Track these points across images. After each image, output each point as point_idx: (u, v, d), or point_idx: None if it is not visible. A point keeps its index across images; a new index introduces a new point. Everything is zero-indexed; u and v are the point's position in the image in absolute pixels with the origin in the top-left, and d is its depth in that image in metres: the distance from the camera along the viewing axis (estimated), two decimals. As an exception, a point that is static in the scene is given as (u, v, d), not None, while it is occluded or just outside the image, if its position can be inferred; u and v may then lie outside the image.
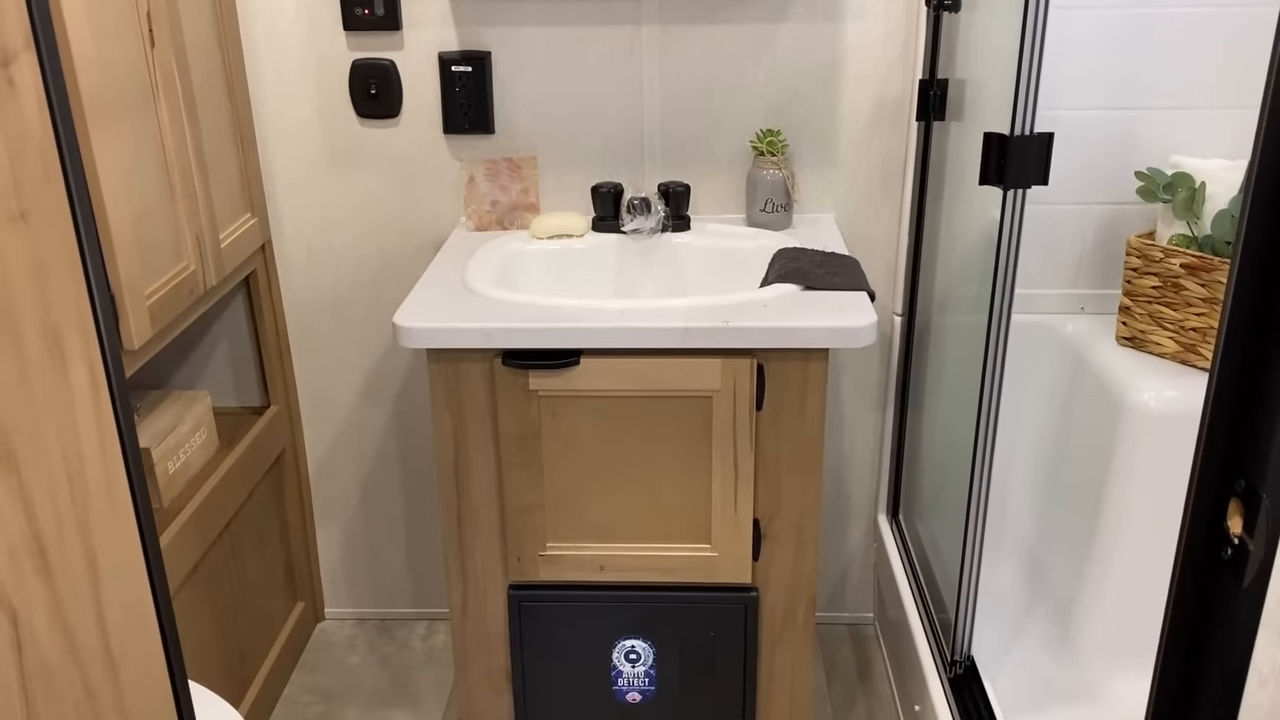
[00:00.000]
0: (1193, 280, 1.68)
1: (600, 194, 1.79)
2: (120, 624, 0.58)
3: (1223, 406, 0.61)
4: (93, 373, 0.53)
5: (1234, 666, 0.64)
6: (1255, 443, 0.60)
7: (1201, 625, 0.67)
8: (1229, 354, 0.60)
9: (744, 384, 1.47)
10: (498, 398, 1.50)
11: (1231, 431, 0.61)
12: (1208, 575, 0.65)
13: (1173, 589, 0.66)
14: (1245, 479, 0.60)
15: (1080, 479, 1.83)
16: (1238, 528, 0.62)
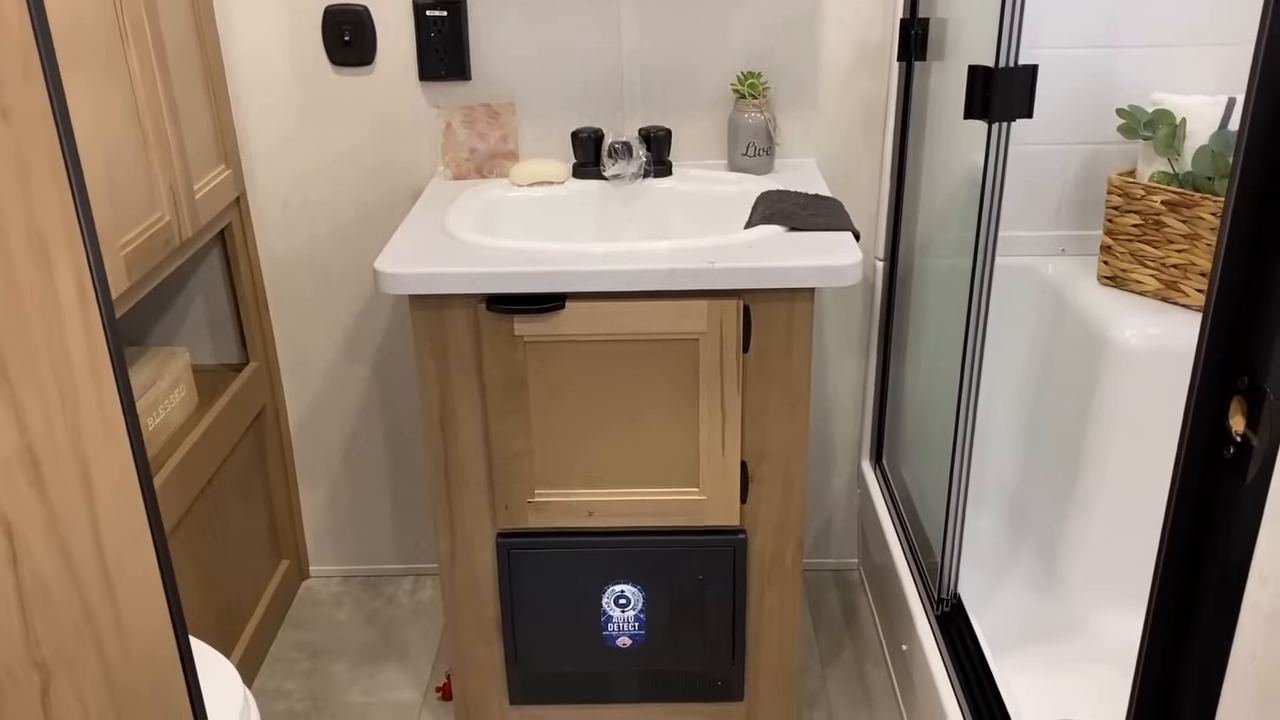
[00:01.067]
0: (1174, 217, 1.69)
1: (580, 140, 1.77)
2: (116, 542, 0.57)
3: (1225, 305, 0.61)
4: (80, 282, 0.52)
5: (1235, 566, 0.64)
6: (1258, 339, 0.59)
7: (1202, 526, 0.67)
8: (1231, 252, 0.60)
9: (730, 326, 1.47)
10: (483, 344, 1.49)
11: (1234, 330, 0.61)
12: (1208, 477, 0.65)
13: (1174, 491, 0.67)
14: (1248, 376, 0.60)
15: (1062, 419, 1.84)
16: (1240, 426, 0.62)
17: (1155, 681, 0.72)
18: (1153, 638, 0.71)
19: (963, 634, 1.61)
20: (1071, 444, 1.81)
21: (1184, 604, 0.69)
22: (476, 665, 1.73)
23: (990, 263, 1.47)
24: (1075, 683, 1.68)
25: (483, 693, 1.75)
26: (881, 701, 1.89)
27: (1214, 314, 0.61)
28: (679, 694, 1.74)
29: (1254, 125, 0.58)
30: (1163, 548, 0.69)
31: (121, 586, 0.57)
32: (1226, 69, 1.80)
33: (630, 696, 1.74)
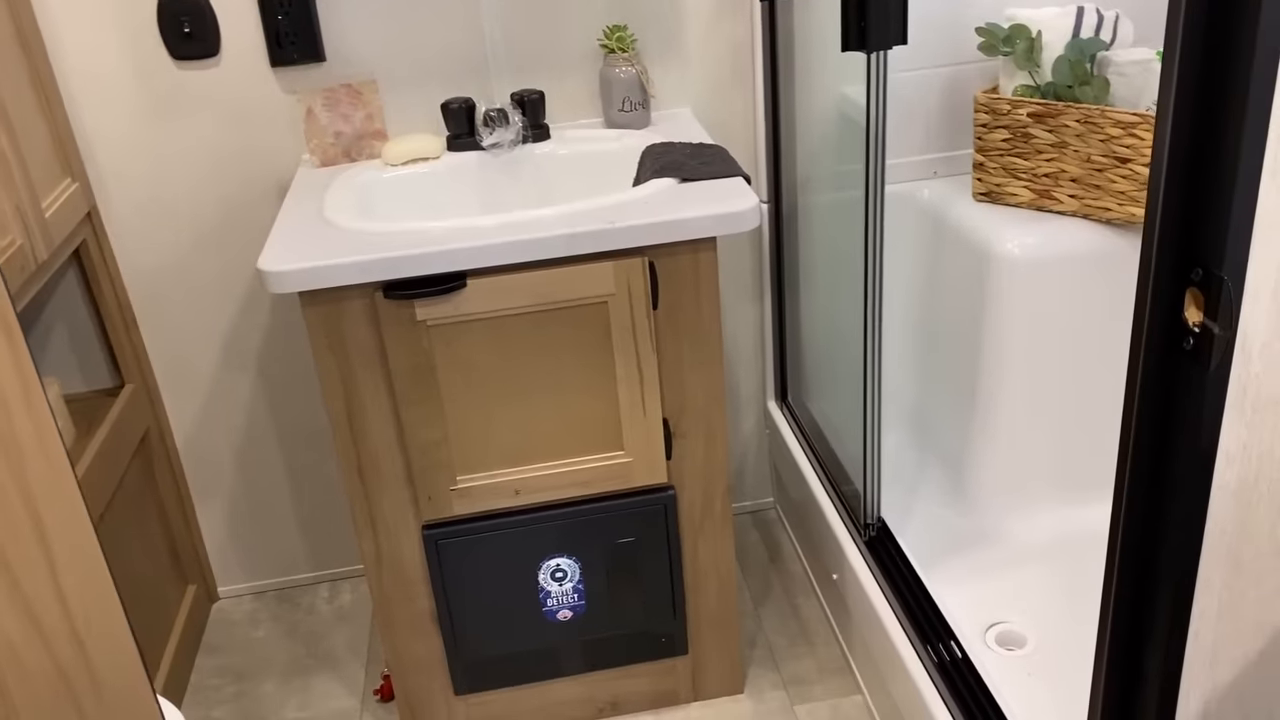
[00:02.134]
0: (1040, 128, 1.74)
1: (451, 111, 1.71)
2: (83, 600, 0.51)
3: (1171, 200, 0.62)
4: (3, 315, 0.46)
5: (1203, 451, 0.66)
6: (1206, 228, 0.61)
7: (1162, 421, 0.69)
8: (1175, 144, 0.61)
9: (638, 284, 1.45)
10: (384, 334, 1.43)
11: (1182, 223, 0.63)
12: (1167, 370, 0.67)
13: (1134, 387, 0.68)
14: (1201, 267, 0.62)
15: (955, 336, 1.90)
16: (1197, 317, 0.64)
17: (1132, 565, 0.74)
18: (1127, 529, 0.73)
19: (892, 556, 1.66)
20: (967, 358, 1.87)
21: (1153, 492, 0.71)
22: (415, 661, 1.68)
23: (881, 191, 1.50)
24: (999, 587, 1.75)
25: (425, 688, 1.71)
26: (818, 632, 1.93)
27: (1162, 210, 0.63)
28: (624, 657, 1.73)
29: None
30: (1128, 442, 0.71)
31: (90, 640, 0.52)
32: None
33: (576, 668, 1.73)
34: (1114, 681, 0.79)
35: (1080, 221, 1.76)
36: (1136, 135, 1.64)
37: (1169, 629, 0.73)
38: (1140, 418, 0.69)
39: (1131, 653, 0.77)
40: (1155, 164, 0.63)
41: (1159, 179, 0.62)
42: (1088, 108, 1.68)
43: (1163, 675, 0.74)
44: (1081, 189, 1.74)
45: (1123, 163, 1.67)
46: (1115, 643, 0.77)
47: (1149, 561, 0.74)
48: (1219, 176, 0.60)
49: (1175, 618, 0.72)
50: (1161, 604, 0.73)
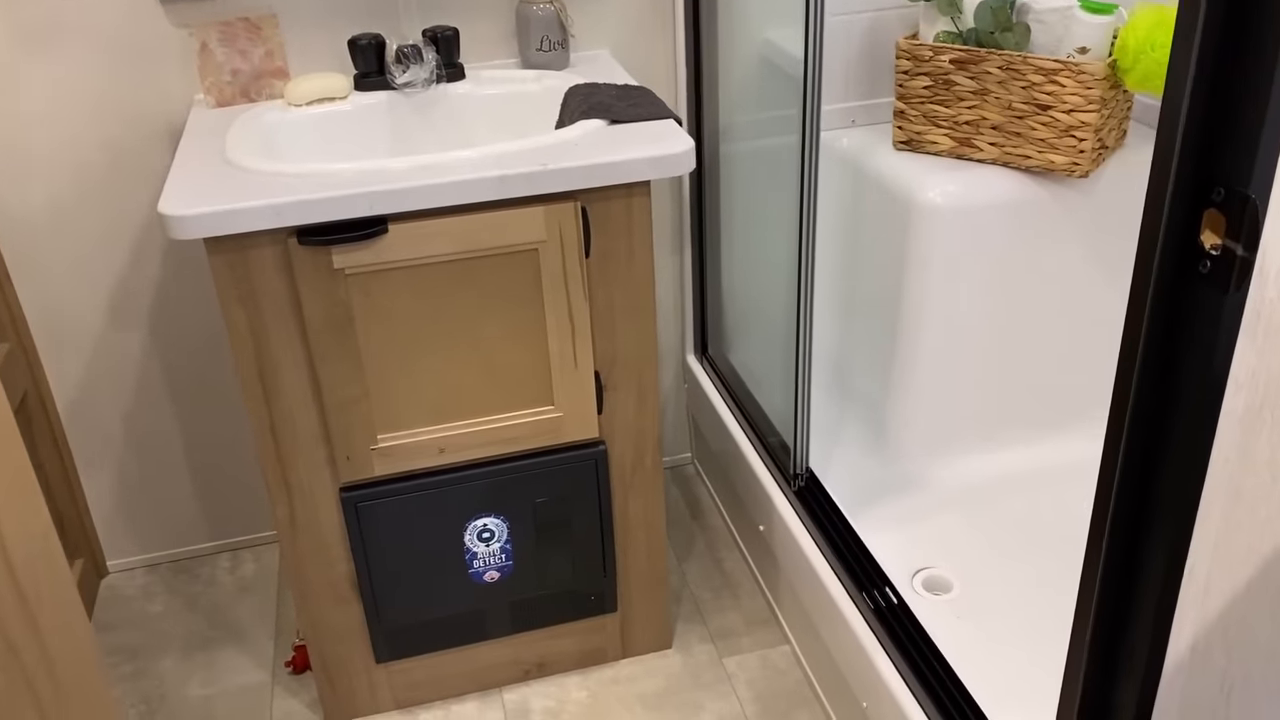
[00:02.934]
0: (962, 74, 1.74)
1: (360, 48, 1.61)
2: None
3: (1195, 117, 0.60)
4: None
5: (1214, 378, 0.65)
6: (1233, 146, 0.59)
7: (1169, 348, 0.68)
8: (1204, 54, 0.58)
9: (570, 230, 1.39)
10: (298, 283, 1.34)
11: (1200, 142, 0.61)
12: (1178, 297, 0.66)
13: (1143, 313, 0.67)
14: (1223, 187, 0.60)
15: (877, 285, 1.89)
16: (1214, 239, 0.62)
17: (1129, 498, 0.73)
18: (1126, 461, 0.71)
19: (823, 505, 1.65)
20: (888, 307, 1.87)
21: (1157, 421, 0.70)
22: (333, 630, 1.60)
23: (817, 135, 1.47)
24: (923, 533, 1.76)
25: (344, 657, 1.63)
26: (742, 584, 1.92)
27: (1184, 128, 0.60)
28: (553, 617, 1.69)
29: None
30: (1131, 370, 0.69)
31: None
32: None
33: (503, 630, 1.68)
34: (1102, 620, 0.78)
35: (1000, 169, 1.77)
36: (1057, 82, 1.65)
37: (1167, 564, 0.72)
38: (1148, 344, 0.67)
39: (1122, 590, 0.76)
40: (1174, 80, 0.61)
41: (1180, 95, 0.60)
42: (1010, 54, 1.68)
43: (1156, 611, 0.73)
44: (1002, 136, 1.74)
45: (1043, 110, 1.68)
46: (1106, 580, 0.76)
47: (1146, 494, 0.73)
48: (1250, 89, 0.58)
49: (1174, 553, 0.71)
50: (1159, 538, 0.72)
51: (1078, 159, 1.69)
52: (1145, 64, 1.59)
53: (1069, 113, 1.66)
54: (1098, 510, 0.76)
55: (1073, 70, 1.63)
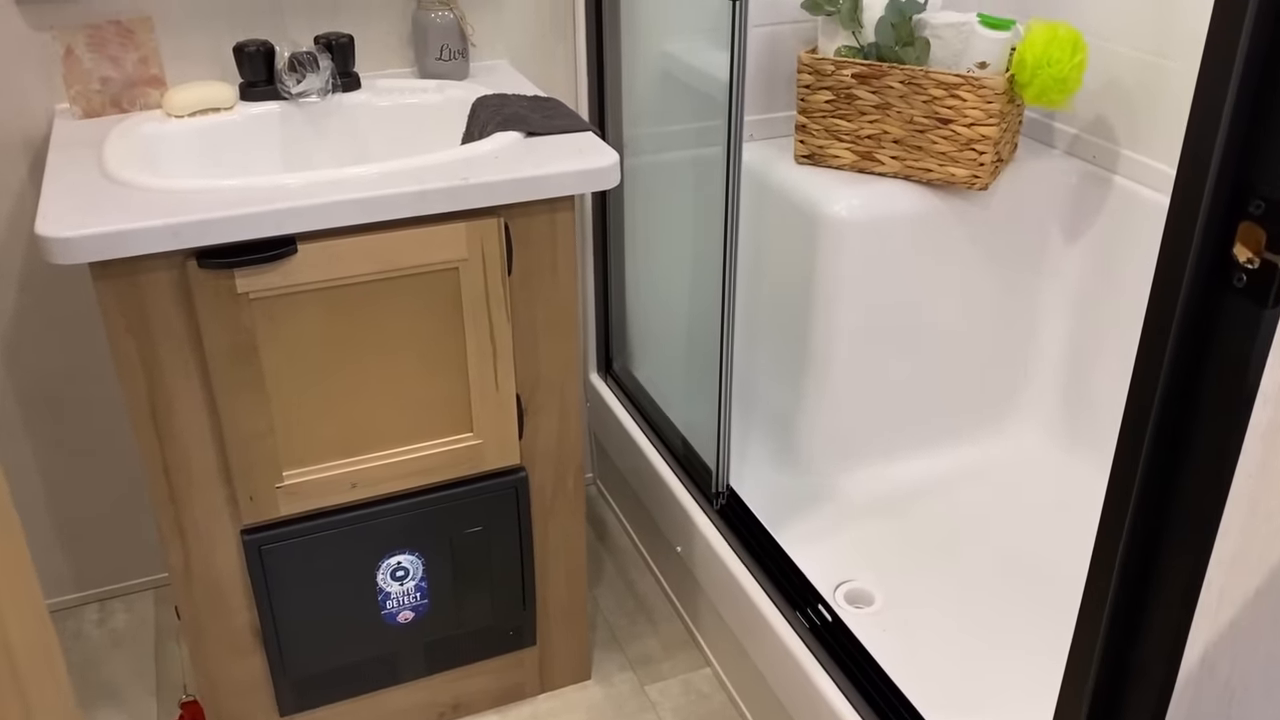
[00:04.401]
0: (864, 89, 1.75)
1: (247, 55, 1.50)
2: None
3: (1238, 128, 0.59)
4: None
5: (1246, 393, 0.64)
6: (1273, 158, 0.58)
7: (1197, 363, 0.67)
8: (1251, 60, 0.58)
9: (493, 247, 1.32)
10: (198, 310, 1.22)
11: (1236, 155, 0.60)
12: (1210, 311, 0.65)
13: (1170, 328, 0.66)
14: (1264, 199, 0.59)
15: (782, 298, 1.89)
16: (1247, 253, 0.61)
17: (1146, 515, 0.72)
18: (1147, 475, 0.70)
19: (747, 524, 1.62)
20: (795, 320, 1.86)
21: (1179, 436, 0.69)
22: (233, 684, 1.48)
23: (740, 146, 1.44)
24: (840, 546, 1.76)
25: (245, 713, 1.50)
26: (658, 608, 1.88)
27: (1226, 137, 0.59)
28: (469, 655, 1.60)
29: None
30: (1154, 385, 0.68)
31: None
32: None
33: (417, 672, 1.58)
34: (1112, 634, 0.77)
35: (902, 183, 1.79)
36: (958, 96, 1.68)
37: (1187, 578, 0.71)
38: (1175, 356, 0.66)
39: (1135, 605, 0.76)
40: (1207, 86, 0.60)
41: (1217, 104, 0.59)
42: (911, 69, 1.70)
43: (1175, 626, 0.73)
44: (904, 150, 1.77)
45: (944, 124, 1.71)
46: (1118, 594, 0.75)
47: (1164, 508, 0.72)
48: None
49: (1195, 567, 0.70)
50: (1179, 552, 0.71)
51: (978, 172, 1.72)
52: (1042, 78, 1.64)
53: (970, 126, 1.69)
54: (1108, 524, 0.75)
55: (973, 85, 1.66)
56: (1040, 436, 1.97)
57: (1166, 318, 0.66)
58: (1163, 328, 0.66)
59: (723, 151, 1.46)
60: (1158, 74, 1.69)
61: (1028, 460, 1.94)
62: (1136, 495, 0.72)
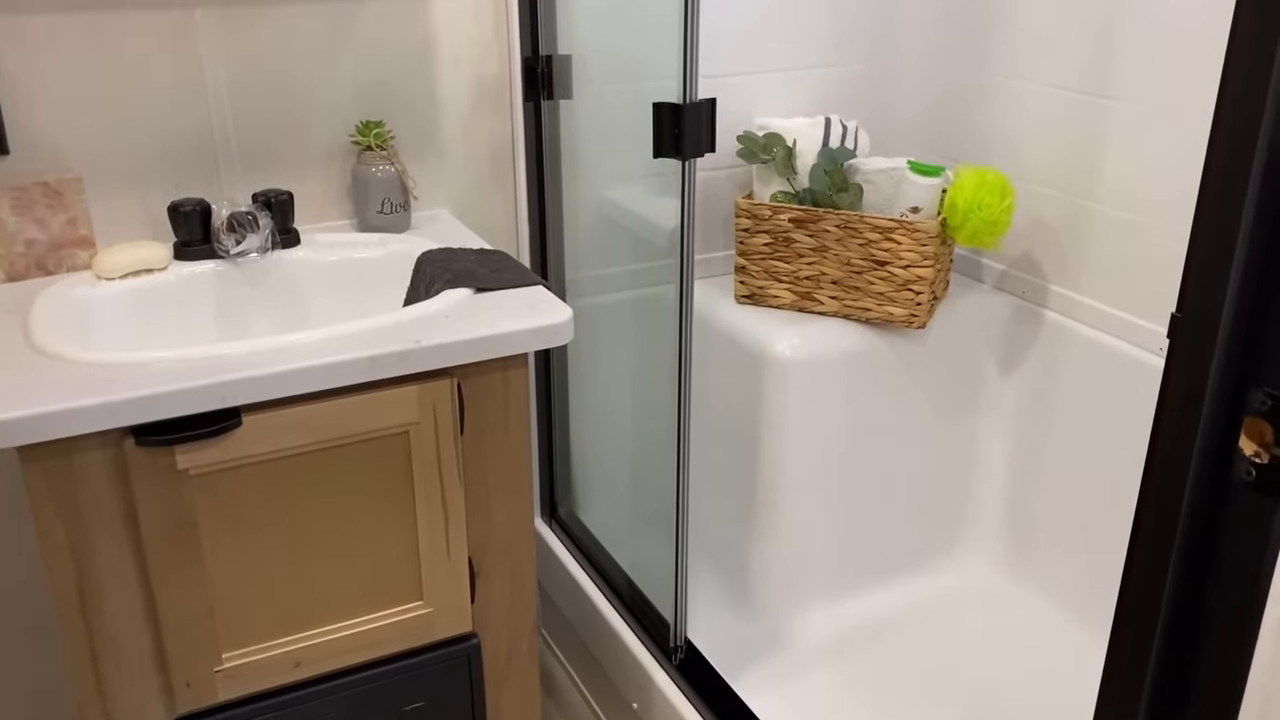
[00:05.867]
0: (802, 233, 1.78)
1: (183, 214, 1.46)
2: None
3: (1241, 316, 0.60)
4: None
5: (1259, 589, 0.64)
6: (1274, 354, 0.59)
7: (1201, 559, 0.66)
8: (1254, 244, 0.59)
9: (445, 409, 1.28)
10: (134, 490, 1.15)
11: (1240, 345, 0.61)
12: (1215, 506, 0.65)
13: (1176, 523, 0.65)
14: (1272, 396, 0.60)
15: (729, 438, 1.88)
16: (1253, 447, 0.61)
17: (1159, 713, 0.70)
18: (1159, 669, 0.69)
19: (708, 680, 1.57)
20: (742, 460, 1.85)
21: (1187, 632, 0.68)
22: None
23: (691, 293, 1.45)
24: (800, 692, 1.72)
25: None
26: (613, 766, 1.80)
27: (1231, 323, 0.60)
28: (420, 836, 1.50)
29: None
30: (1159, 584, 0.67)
31: None
32: (815, 93, 1.95)
33: None
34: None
35: (842, 321, 1.81)
36: (894, 239, 1.72)
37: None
38: (1183, 557, 0.65)
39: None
40: (1207, 273, 0.60)
41: (1218, 286, 0.60)
42: (846, 214, 1.74)
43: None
44: (842, 290, 1.79)
45: (880, 265, 1.75)
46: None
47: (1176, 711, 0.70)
48: None
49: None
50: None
51: (916, 311, 1.75)
52: (974, 222, 1.69)
53: (905, 268, 1.73)
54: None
55: (908, 229, 1.70)
56: (987, 568, 1.98)
57: (1171, 512, 0.65)
58: (1167, 523, 0.66)
59: (664, 293, 1.46)
60: (1081, 214, 1.76)
61: (976, 592, 1.94)
62: (1146, 702, 0.70)
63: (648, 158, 1.44)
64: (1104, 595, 1.78)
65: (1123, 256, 1.70)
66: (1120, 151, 1.67)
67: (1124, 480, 1.73)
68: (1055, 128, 1.77)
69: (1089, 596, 1.81)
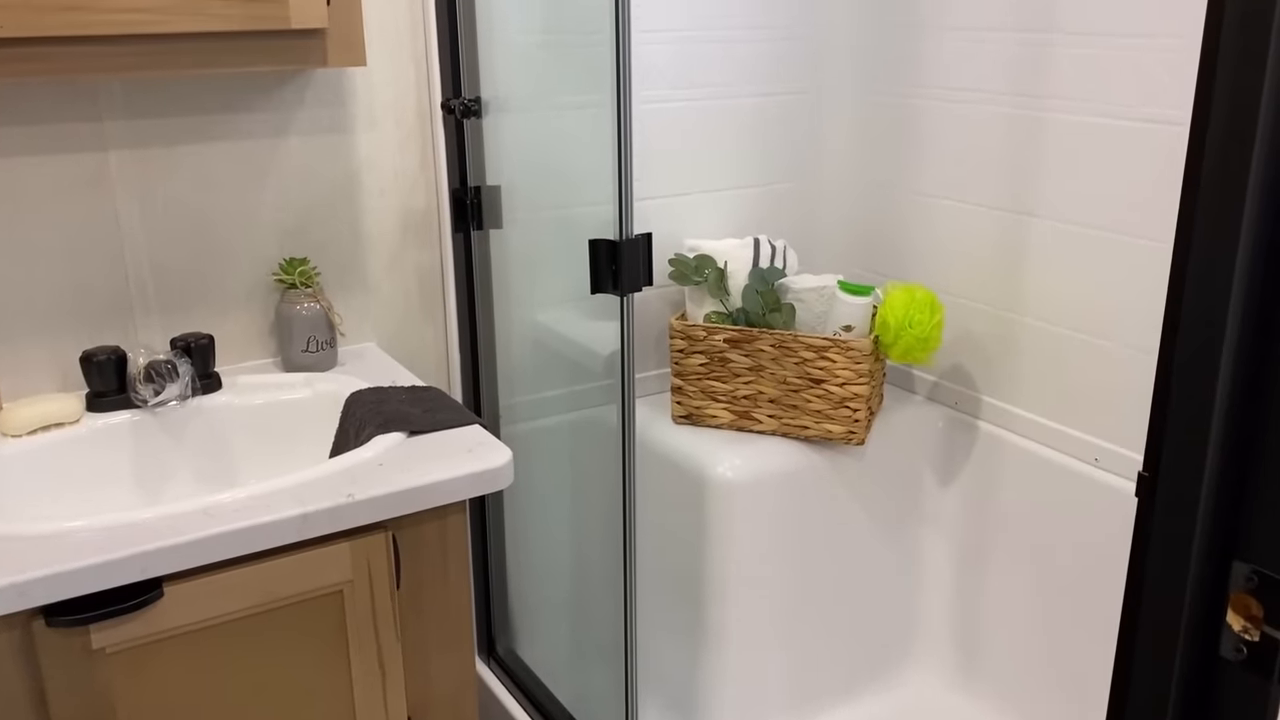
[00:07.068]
0: (736, 352, 1.78)
1: (96, 364, 1.39)
2: None
3: (1223, 489, 0.59)
4: None
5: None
6: (1265, 525, 0.58)
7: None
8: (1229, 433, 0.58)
9: (380, 564, 1.22)
10: (44, 674, 1.07)
11: (1231, 521, 0.59)
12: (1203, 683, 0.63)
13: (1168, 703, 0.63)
14: (1258, 572, 0.58)
15: (673, 563, 1.84)
16: (1241, 623, 0.60)
17: None
18: None
19: (663, 825, 1.50)
20: (686, 583, 1.81)
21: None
22: None
23: (633, 427, 1.42)
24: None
25: None
26: None
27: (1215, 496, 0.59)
28: None
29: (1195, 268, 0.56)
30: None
31: None
32: (741, 212, 1.96)
33: None
34: None
35: (781, 440, 1.80)
36: (828, 358, 1.72)
37: None
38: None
39: None
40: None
41: (1198, 466, 0.59)
42: (780, 333, 1.75)
43: None
44: (780, 409, 1.78)
45: (817, 383, 1.74)
46: None
47: None
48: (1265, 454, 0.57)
49: None
50: None
51: (854, 428, 1.75)
52: (906, 339, 1.70)
53: (842, 386, 1.73)
54: None
55: (842, 347, 1.71)
56: (937, 683, 1.95)
57: (1159, 697, 0.63)
58: (1156, 707, 0.64)
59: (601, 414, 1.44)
60: (1008, 327, 1.78)
61: (928, 709, 1.91)
62: None
63: (580, 282, 1.42)
64: (1057, 706, 1.77)
65: (1051, 368, 1.73)
66: (1042, 266, 1.71)
67: (1068, 588, 1.73)
68: (979, 243, 1.81)
69: (1042, 709, 1.79)
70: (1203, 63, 0.61)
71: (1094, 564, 1.68)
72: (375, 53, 1.58)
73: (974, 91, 1.77)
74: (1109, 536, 1.65)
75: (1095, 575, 1.68)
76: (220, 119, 1.49)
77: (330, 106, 1.56)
